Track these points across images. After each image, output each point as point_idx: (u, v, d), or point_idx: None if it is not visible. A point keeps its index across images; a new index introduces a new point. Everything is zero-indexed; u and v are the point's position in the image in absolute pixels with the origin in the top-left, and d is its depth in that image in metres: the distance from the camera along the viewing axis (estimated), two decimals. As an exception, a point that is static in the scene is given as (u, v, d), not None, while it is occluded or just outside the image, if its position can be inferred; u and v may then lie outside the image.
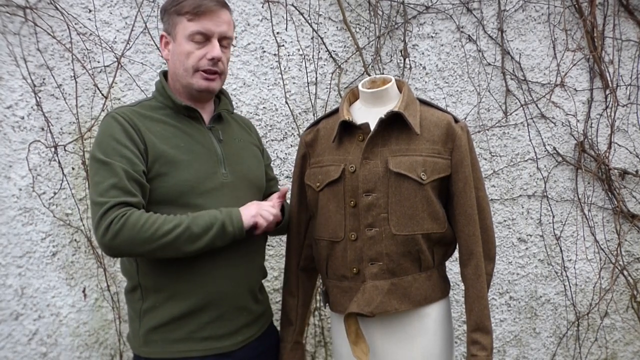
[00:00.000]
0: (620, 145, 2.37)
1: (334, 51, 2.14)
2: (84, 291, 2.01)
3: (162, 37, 1.42)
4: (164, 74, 1.48)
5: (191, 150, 1.38)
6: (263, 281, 2.12)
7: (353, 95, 1.58)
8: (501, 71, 2.25)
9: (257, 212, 1.39)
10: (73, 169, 1.97)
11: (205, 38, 1.37)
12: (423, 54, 2.20)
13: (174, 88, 1.44)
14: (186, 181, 1.35)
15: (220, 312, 1.40)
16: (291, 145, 2.13)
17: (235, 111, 2.06)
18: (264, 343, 1.53)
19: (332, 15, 2.13)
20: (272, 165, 2.12)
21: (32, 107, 1.92)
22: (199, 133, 1.42)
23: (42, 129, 1.94)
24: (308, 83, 2.13)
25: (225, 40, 1.41)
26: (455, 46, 2.22)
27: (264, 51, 2.09)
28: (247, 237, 1.39)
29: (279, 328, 1.64)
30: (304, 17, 2.10)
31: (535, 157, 2.30)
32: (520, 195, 2.31)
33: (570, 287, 2.38)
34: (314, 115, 2.14)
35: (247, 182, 1.46)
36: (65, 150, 1.96)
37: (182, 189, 1.35)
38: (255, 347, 1.48)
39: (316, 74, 2.13)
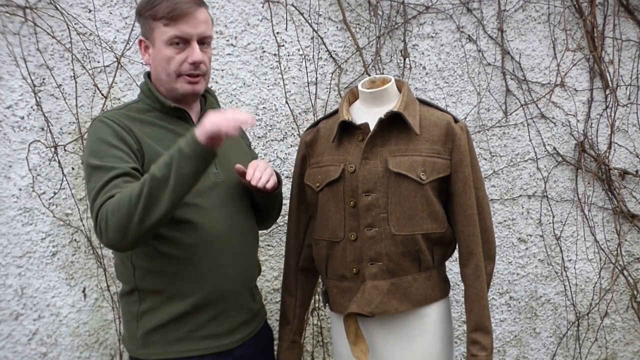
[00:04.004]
0: (620, 145, 2.37)
1: (334, 51, 2.14)
2: (83, 291, 2.01)
3: (140, 41, 1.39)
4: (149, 75, 1.46)
5: None
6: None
7: (353, 96, 1.58)
8: (501, 71, 2.25)
9: (216, 122, 1.20)
10: (73, 169, 1.97)
11: (184, 41, 1.35)
12: (423, 54, 2.20)
13: (159, 90, 1.42)
14: None
15: (219, 310, 1.39)
16: (291, 145, 2.13)
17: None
18: (261, 341, 1.53)
19: (332, 15, 2.13)
20: (271, 165, 2.13)
21: (32, 107, 1.92)
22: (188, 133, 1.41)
23: (42, 129, 1.94)
24: (308, 83, 2.13)
25: (205, 39, 1.38)
26: (455, 46, 2.22)
27: (264, 51, 2.09)
28: (242, 230, 1.38)
29: (277, 327, 1.64)
30: (304, 17, 2.10)
31: (535, 157, 2.30)
32: (520, 195, 2.31)
33: (570, 287, 2.38)
34: (314, 115, 2.14)
35: (238, 179, 1.45)
36: (65, 150, 1.96)
37: None
38: (252, 344, 1.48)
39: (316, 74, 2.13)
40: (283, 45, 2.10)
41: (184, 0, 1.32)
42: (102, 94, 1.96)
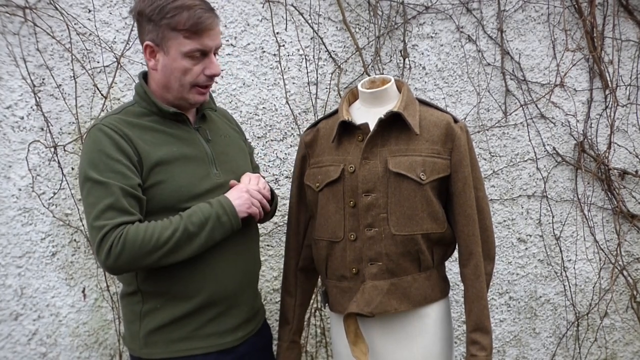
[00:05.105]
0: (620, 146, 2.37)
1: (333, 51, 2.14)
2: (83, 291, 2.01)
3: (147, 46, 1.33)
4: (144, 76, 1.43)
5: (184, 155, 1.37)
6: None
7: (352, 96, 1.58)
8: (501, 71, 2.25)
9: (250, 202, 1.39)
10: (73, 169, 1.97)
11: (202, 53, 1.34)
12: (423, 54, 2.20)
13: (160, 95, 1.39)
14: (182, 187, 1.34)
15: (223, 308, 1.40)
16: (291, 145, 2.13)
17: (231, 111, 2.06)
18: (261, 340, 1.54)
19: (332, 15, 2.13)
20: (271, 164, 2.13)
21: (31, 107, 1.92)
22: (187, 135, 1.41)
23: (42, 129, 1.94)
24: (308, 83, 2.13)
25: (218, 49, 1.39)
26: (455, 46, 2.22)
27: (264, 51, 2.09)
28: (244, 228, 1.40)
29: (277, 327, 1.64)
30: (303, 17, 2.10)
31: (534, 157, 2.30)
32: (519, 196, 2.31)
33: (570, 287, 2.38)
34: (314, 115, 2.14)
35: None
36: (64, 150, 1.95)
37: (180, 195, 1.34)
38: (253, 342, 1.49)
39: (316, 74, 2.13)
40: (283, 46, 2.10)
41: (205, 13, 1.30)
42: (102, 94, 1.96)
